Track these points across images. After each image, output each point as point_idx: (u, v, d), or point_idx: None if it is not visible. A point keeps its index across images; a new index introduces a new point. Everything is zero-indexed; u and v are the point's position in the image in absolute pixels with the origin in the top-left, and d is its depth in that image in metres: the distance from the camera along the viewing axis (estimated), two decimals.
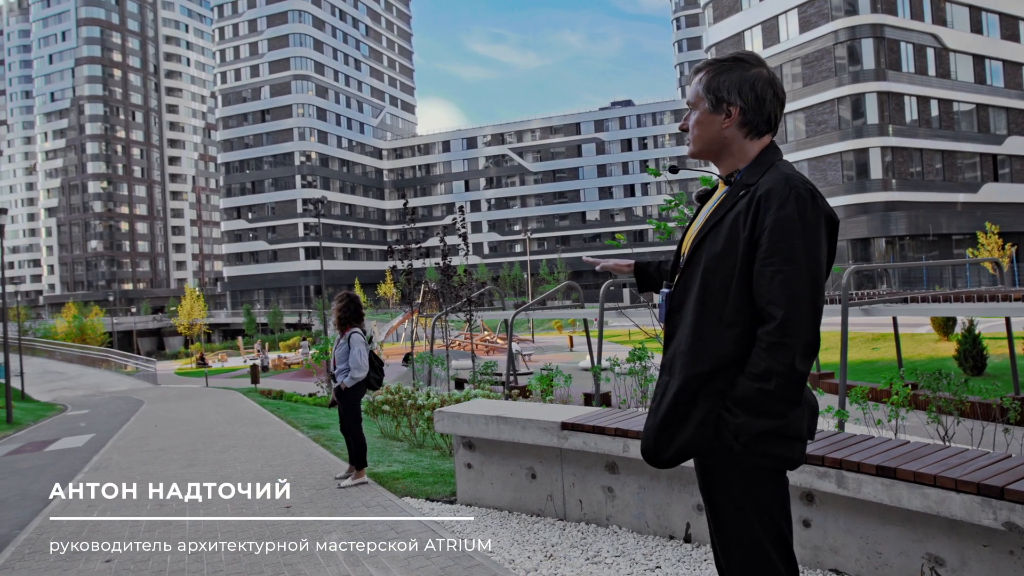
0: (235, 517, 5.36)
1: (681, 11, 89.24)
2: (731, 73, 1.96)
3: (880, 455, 3.17)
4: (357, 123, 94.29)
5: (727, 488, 1.90)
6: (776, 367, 1.76)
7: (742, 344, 1.84)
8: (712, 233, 1.91)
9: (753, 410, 1.79)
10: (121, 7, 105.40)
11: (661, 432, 1.90)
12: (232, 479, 6.89)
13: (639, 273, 2.45)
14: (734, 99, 1.94)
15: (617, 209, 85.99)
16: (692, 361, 1.86)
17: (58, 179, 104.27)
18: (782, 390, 1.78)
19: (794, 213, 1.79)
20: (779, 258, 1.77)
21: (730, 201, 1.92)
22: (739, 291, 1.84)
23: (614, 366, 10.43)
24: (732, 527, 1.91)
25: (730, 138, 1.97)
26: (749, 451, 1.82)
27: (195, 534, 4.96)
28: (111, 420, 15.29)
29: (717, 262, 1.86)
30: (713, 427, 1.85)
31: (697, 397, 1.86)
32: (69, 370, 39.99)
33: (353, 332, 6.29)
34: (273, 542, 4.59)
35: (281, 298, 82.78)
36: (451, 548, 4.17)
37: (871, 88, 40.84)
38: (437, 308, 21.56)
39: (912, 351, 23.23)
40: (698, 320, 1.87)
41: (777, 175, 1.87)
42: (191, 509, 5.72)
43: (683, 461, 1.94)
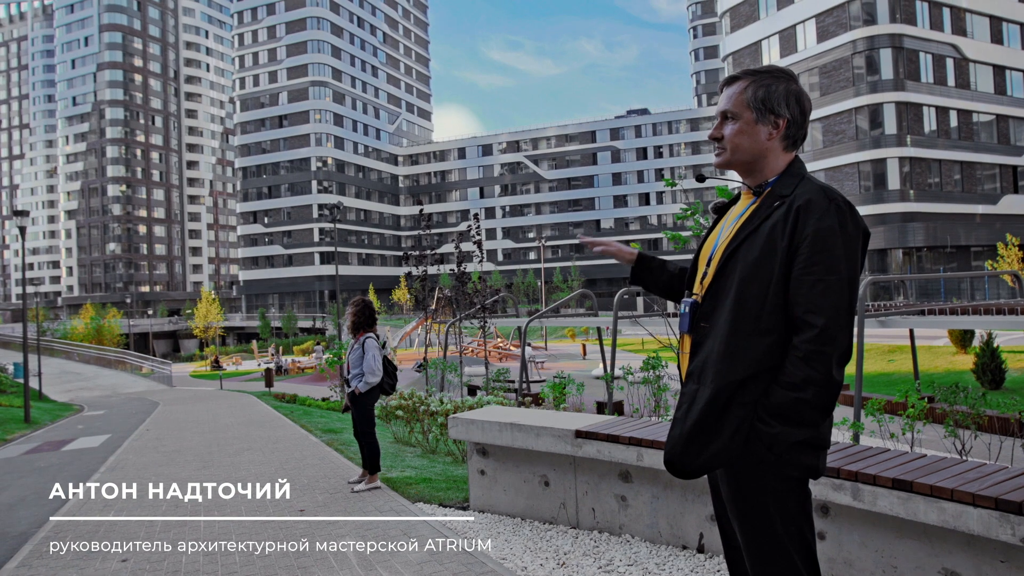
0: (249, 518, 5.40)
1: (698, 20, 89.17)
2: (779, 85, 1.97)
3: (896, 468, 3.14)
4: (373, 129, 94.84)
5: (756, 498, 1.89)
6: (814, 376, 1.77)
7: (775, 353, 1.84)
8: (747, 242, 1.91)
9: (789, 420, 1.79)
10: (143, 13, 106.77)
11: (691, 441, 1.88)
12: (245, 481, 6.94)
13: (640, 264, 2.40)
14: (783, 111, 1.97)
15: (632, 218, 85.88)
16: (727, 369, 1.85)
17: (78, 182, 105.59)
18: (818, 399, 1.78)
19: (835, 224, 1.82)
20: (820, 268, 1.79)
21: (765, 211, 1.92)
22: (775, 299, 1.84)
23: (628, 375, 10.41)
24: (760, 537, 1.90)
25: (769, 149, 1.99)
26: (781, 461, 1.82)
27: (210, 535, 5.00)
28: (127, 421, 15.43)
29: (753, 270, 1.87)
30: (744, 437, 1.85)
31: (730, 406, 1.85)
32: (86, 371, 40.40)
33: (367, 337, 6.32)
34: (286, 544, 4.63)
35: (296, 302, 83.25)
36: (464, 554, 4.18)
37: (889, 98, 40.61)
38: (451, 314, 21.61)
39: (929, 364, 23.01)
40: (732, 328, 1.87)
41: (813, 187, 1.89)
42: (206, 510, 5.77)
43: (710, 471, 1.94)
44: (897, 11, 40.69)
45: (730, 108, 2.01)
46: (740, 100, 1.99)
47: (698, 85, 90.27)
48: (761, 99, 1.96)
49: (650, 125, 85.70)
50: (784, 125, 1.97)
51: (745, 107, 1.98)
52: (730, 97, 2.02)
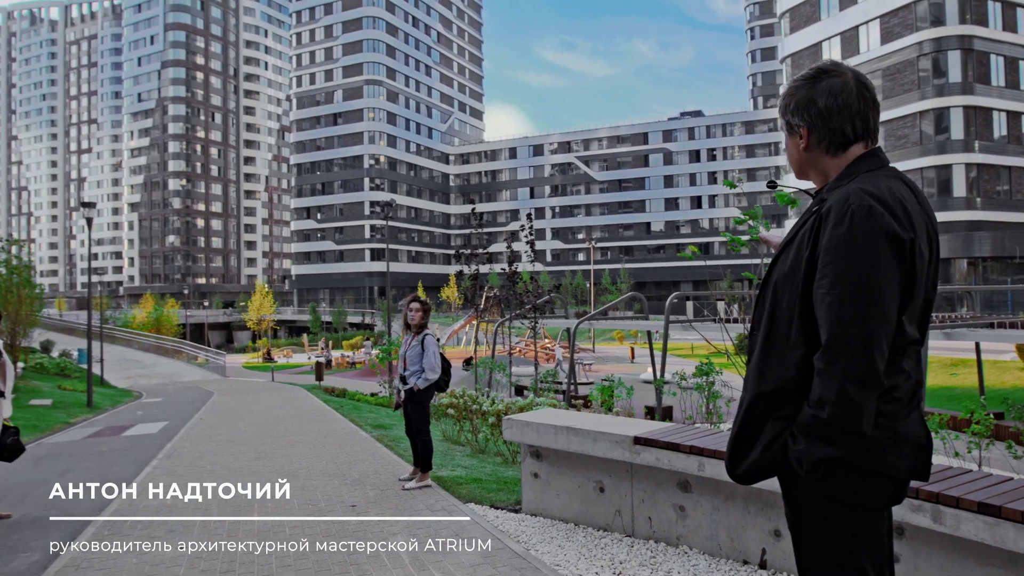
0: (302, 513, 5.43)
1: (756, 21, 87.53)
2: (797, 94, 1.91)
3: (982, 491, 2.97)
4: (426, 128, 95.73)
5: (803, 516, 1.87)
6: (826, 395, 1.68)
7: (805, 368, 1.78)
8: (784, 252, 1.88)
9: (811, 437, 1.73)
10: (206, 12, 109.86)
11: (733, 448, 1.90)
12: (299, 474, 7.02)
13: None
14: (798, 121, 1.91)
15: (683, 221, 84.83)
16: (758, 380, 1.85)
17: (141, 176, 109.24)
18: (836, 419, 1.68)
19: (846, 231, 1.69)
20: (828, 280, 1.69)
21: (803, 219, 1.86)
22: (801, 313, 1.78)
23: (681, 380, 10.21)
24: (807, 558, 1.88)
25: (812, 158, 1.92)
26: (817, 480, 1.76)
27: (264, 529, 5.05)
28: (183, 409, 15.83)
29: (784, 282, 1.83)
30: (781, 452, 1.81)
31: (766, 418, 1.83)
32: (145, 359, 41.71)
33: (427, 334, 6.32)
34: (338, 542, 4.63)
35: (346, 298, 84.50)
36: (517, 558, 4.12)
37: (957, 102, 39.16)
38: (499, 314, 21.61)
39: (995, 379, 22.10)
40: (766, 340, 1.85)
41: (844, 190, 1.76)
42: (260, 505, 5.84)
43: (758, 480, 1.90)
44: (967, 12, 39.20)
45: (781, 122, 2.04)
46: (781, 118, 2.01)
47: (754, 87, 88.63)
48: (782, 113, 1.97)
49: (704, 127, 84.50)
50: (807, 134, 1.90)
51: (783, 124, 2.00)
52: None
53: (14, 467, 7.66)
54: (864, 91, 1.87)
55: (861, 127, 1.86)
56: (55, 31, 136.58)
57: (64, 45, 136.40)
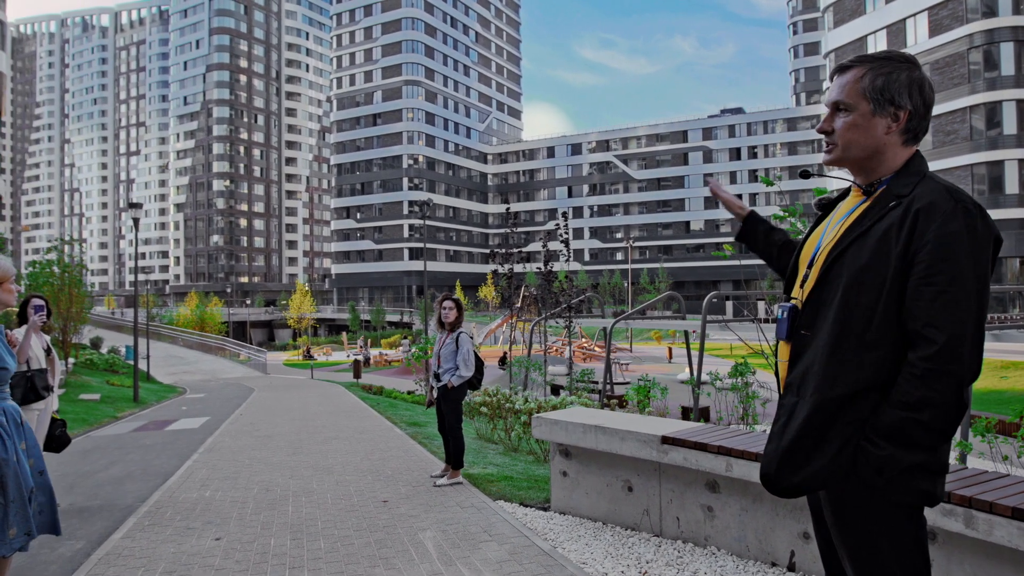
0: (335, 507, 5.53)
1: (799, 15, 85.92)
2: (900, 72, 1.78)
3: (1017, 496, 2.89)
4: (464, 128, 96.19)
5: (864, 525, 1.74)
6: (932, 396, 1.61)
7: (883, 369, 1.69)
8: (855, 245, 1.75)
9: (901, 442, 1.65)
10: (249, 17, 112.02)
11: (787, 458, 1.75)
12: (333, 470, 7.13)
13: (748, 224, 2.27)
14: (904, 101, 1.78)
15: (723, 220, 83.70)
16: (829, 384, 1.71)
17: (187, 177, 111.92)
18: (937, 422, 1.63)
19: (962, 229, 1.64)
20: (943, 278, 1.62)
21: (877, 212, 1.76)
22: (885, 311, 1.69)
23: (715, 380, 10.10)
24: (868, 567, 1.76)
25: (887, 144, 1.80)
26: (892, 486, 1.67)
27: (297, 521, 5.15)
28: (224, 405, 16.19)
29: (861, 277, 1.71)
30: (850, 459, 1.70)
31: (833, 423, 1.71)
32: (189, 355, 42.72)
33: (461, 332, 6.39)
34: (370, 534, 4.71)
35: (384, 296, 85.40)
36: (544, 556, 4.14)
37: (1009, 96, 37.95)
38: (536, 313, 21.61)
39: None
40: (836, 339, 1.72)
41: (936, 186, 1.72)
42: (295, 499, 5.95)
43: (809, 492, 1.80)
44: (1021, 2, 37.97)
45: (843, 98, 1.81)
46: (855, 89, 1.80)
47: (796, 83, 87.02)
48: (880, 88, 1.78)
49: (745, 125, 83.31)
50: (905, 117, 1.78)
51: (861, 97, 1.79)
52: (843, 86, 1.82)
53: (62, 458, 7.95)
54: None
55: (927, 128, 1.85)
56: (106, 37, 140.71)
57: (114, 51, 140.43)
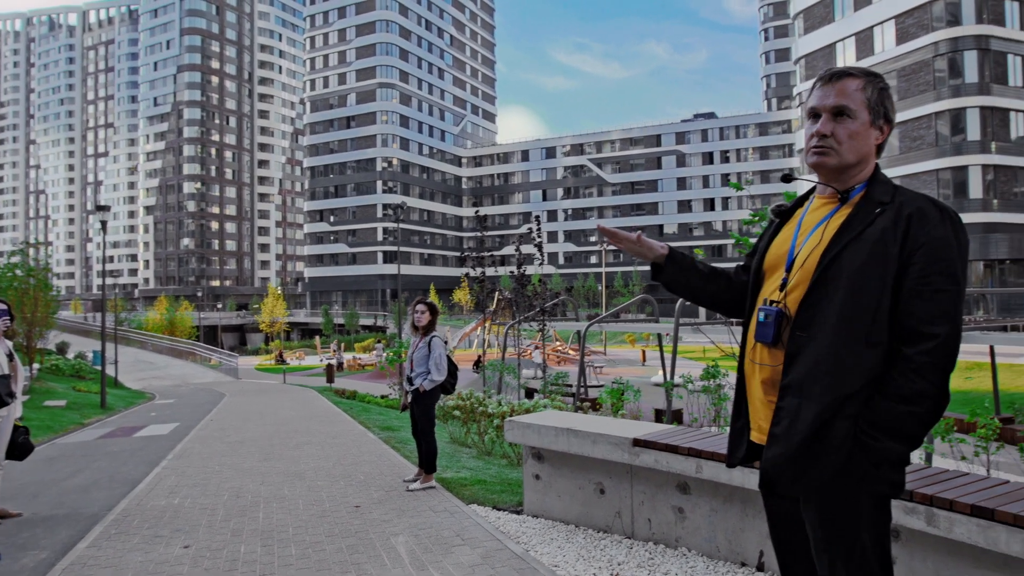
0: (306, 513, 5.48)
1: (770, 22, 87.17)
2: (886, 90, 1.94)
3: (975, 494, 2.96)
4: (438, 131, 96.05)
5: (850, 518, 1.82)
6: (929, 389, 1.72)
7: (881, 364, 1.80)
8: (851, 249, 1.82)
9: (898, 435, 1.75)
10: (221, 17, 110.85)
11: (797, 459, 1.81)
12: (305, 475, 7.07)
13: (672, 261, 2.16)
14: (892, 117, 1.94)
15: (696, 223, 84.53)
16: (838, 382, 1.78)
17: (157, 179, 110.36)
18: (931, 414, 1.74)
19: (951, 234, 1.79)
20: (940, 278, 1.76)
21: (866, 217, 1.85)
22: (885, 309, 1.79)
23: (687, 383, 10.20)
24: (849, 560, 1.83)
25: (871, 154, 1.94)
26: (879, 477, 1.77)
27: (267, 527, 5.10)
28: (195, 411, 15.97)
29: (861, 279, 1.80)
30: (847, 452, 1.78)
31: (834, 420, 1.79)
32: (158, 360, 42.03)
33: (434, 336, 6.37)
34: (341, 540, 4.68)
35: (358, 300, 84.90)
36: (516, 559, 4.14)
37: (973, 103, 38.82)
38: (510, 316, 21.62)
39: (1010, 383, 21.85)
40: (841, 339, 1.79)
41: (917, 195, 1.87)
42: (265, 502, 5.89)
43: (814, 489, 1.85)
44: (984, 11, 38.86)
45: (850, 104, 1.89)
46: (860, 98, 1.89)
47: (768, 89, 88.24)
48: (877, 101, 1.91)
49: (717, 129, 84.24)
50: (888, 132, 1.95)
51: (864, 106, 1.89)
52: (848, 93, 1.89)
53: (27, 466, 7.79)
54: None
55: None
56: (73, 36, 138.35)
57: (82, 50, 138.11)
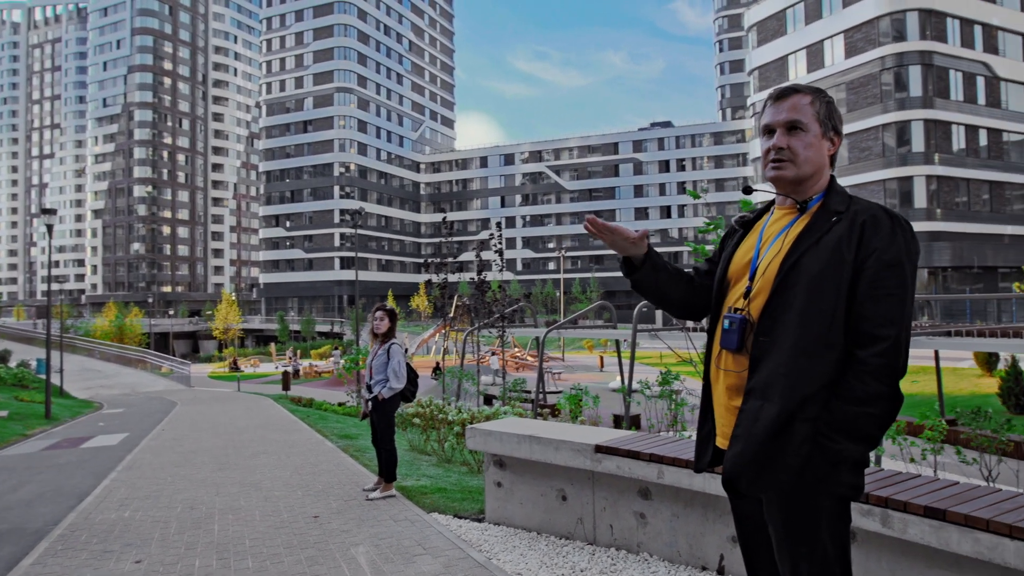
0: (263, 524, 5.37)
1: (724, 34, 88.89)
2: (833, 104, 2.04)
3: (928, 495, 3.04)
4: (397, 136, 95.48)
5: (810, 520, 1.86)
6: (883, 390, 1.78)
7: (838, 366, 1.84)
8: (810, 255, 1.89)
9: (853, 436, 1.79)
10: (174, 18, 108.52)
11: (757, 458, 1.85)
12: (262, 485, 6.93)
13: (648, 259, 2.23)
14: (840, 129, 2.05)
15: (652, 230, 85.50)
16: (797, 384, 1.83)
17: (106, 182, 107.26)
18: (886, 415, 1.79)
19: (902, 241, 1.86)
20: (892, 282, 1.82)
21: (823, 225, 1.93)
22: (841, 314, 1.85)
23: (645, 389, 10.30)
24: (811, 562, 1.87)
25: (825, 166, 2.03)
26: (839, 479, 1.81)
27: (223, 539, 4.98)
28: (145, 420, 15.54)
29: (819, 285, 1.86)
30: (806, 453, 1.82)
31: (794, 422, 1.83)
32: (107, 369, 40.83)
33: (393, 343, 6.30)
34: (300, 552, 4.59)
35: (314, 306, 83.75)
36: (479, 568, 4.12)
37: (918, 116, 40.16)
38: (469, 323, 21.58)
39: (953, 386, 22.61)
40: (801, 343, 1.85)
41: (870, 204, 1.94)
42: (221, 513, 5.76)
43: (773, 489, 1.89)
44: (927, 28, 40.28)
45: (802, 119, 1.99)
46: (810, 112, 1.99)
47: (723, 99, 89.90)
48: (827, 115, 2.01)
49: (673, 138, 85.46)
50: (838, 143, 2.04)
51: (815, 120, 1.99)
52: (799, 108, 1.99)
53: None
54: None
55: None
56: (17, 34, 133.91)
57: (27, 48, 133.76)
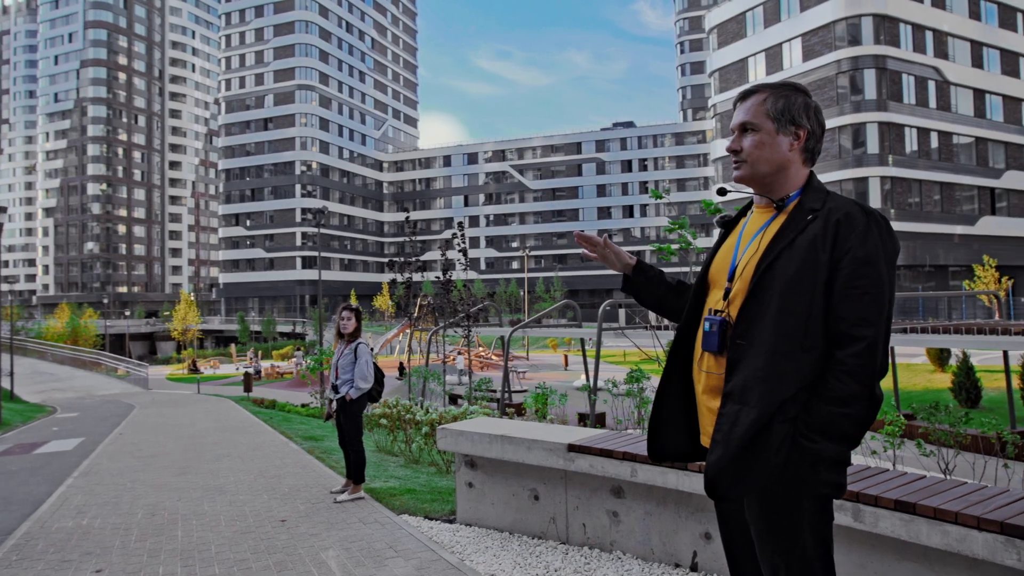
0: (229, 529, 5.25)
1: (686, 36, 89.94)
2: (797, 97, 1.97)
3: (898, 489, 3.10)
4: (359, 135, 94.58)
5: (791, 519, 1.84)
6: (860, 390, 1.75)
7: (817, 368, 1.82)
8: (784, 256, 1.86)
9: (832, 436, 1.77)
10: (129, 11, 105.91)
11: (736, 463, 1.82)
12: (226, 489, 6.79)
13: (638, 271, 2.28)
14: (803, 122, 1.95)
15: (615, 230, 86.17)
16: (775, 387, 1.80)
17: (57, 180, 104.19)
18: (863, 414, 1.77)
19: (877, 238, 1.81)
20: (867, 281, 1.78)
21: (798, 225, 1.88)
22: (818, 314, 1.82)
23: (612, 387, 10.36)
24: (791, 560, 1.86)
25: (791, 161, 1.96)
26: (819, 479, 1.79)
27: (187, 546, 4.85)
28: (101, 424, 15.12)
29: (795, 285, 1.82)
30: (785, 455, 1.80)
31: (772, 424, 1.81)
32: (60, 371, 39.66)
33: (360, 343, 6.22)
34: (268, 557, 4.50)
35: (276, 307, 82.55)
36: (452, 569, 4.08)
37: (872, 118, 41.13)
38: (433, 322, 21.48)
39: (907, 381, 23.20)
40: (777, 345, 1.81)
41: (847, 200, 1.89)
42: (184, 519, 5.62)
43: (753, 492, 1.87)
44: (881, 33, 41.28)
45: (749, 119, 1.96)
46: (760, 111, 1.95)
47: (684, 100, 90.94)
48: (781, 109, 1.94)
49: (636, 138, 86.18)
50: (804, 136, 1.96)
51: (765, 118, 1.95)
52: (749, 109, 1.97)
53: None
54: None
55: (820, 150, 2.03)
56: None
57: None
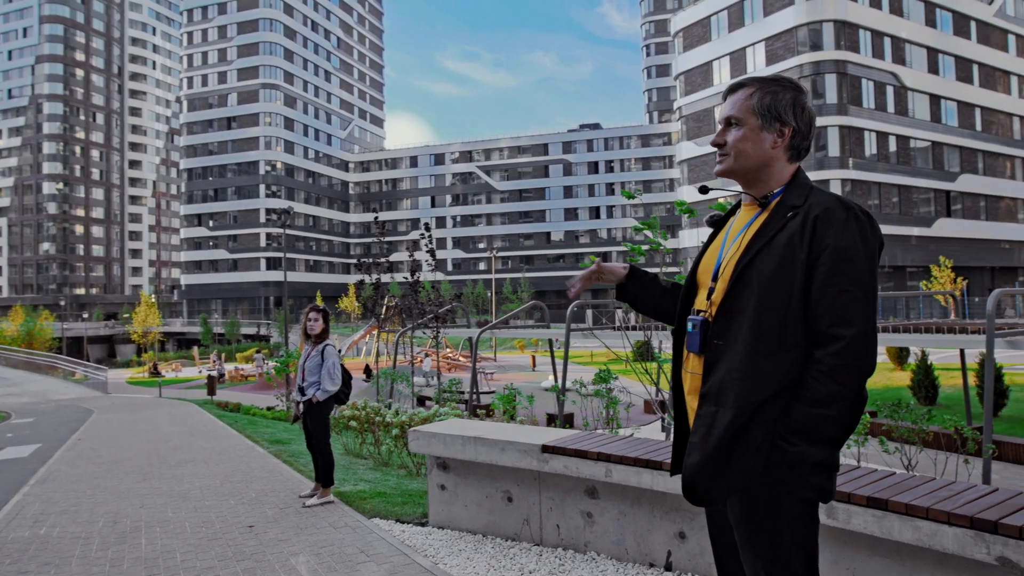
0: (195, 536, 5.12)
1: (651, 39, 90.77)
2: (785, 93, 1.92)
3: (870, 486, 3.13)
4: (325, 135, 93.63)
5: (773, 522, 1.80)
6: (840, 391, 1.70)
7: (796, 368, 1.77)
8: (762, 255, 1.82)
9: (811, 438, 1.72)
10: (87, 6, 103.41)
11: (713, 466, 1.78)
12: (190, 495, 6.63)
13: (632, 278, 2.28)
14: (789, 119, 1.91)
15: (582, 231, 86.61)
16: (751, 388, 1.76)
17: (11, 178, 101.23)
18: (845, 416, 1.72)
19: (856, 234, 1.76)
20: (845, 279, 1.73)
21: (778, 222, 1.84)
22: (796, 314, 1.77)
23: (581, 387, 10.37)
24: (774, 563, 1.82)
25: (774, 158, 1.92)
26: (800, 482, 1.74)
27: (152, 554, 4.72)
28: (59, 429, 14.70)
29: (772, 284, 1.78)
30: (764, 457, 1.76)
31: (749, 426, 1.76)
32: (13, 376, 38.52)
33: (327, 344, 6.14)
34: (237, 564, 4.40)
35: (239, 308, 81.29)
36: (425, 573, 4.03)
37: (833, 122, 41.95)
38: (400, 323, 21.33)
39: (872, 380, 23.66)
40: (754, 345, 1.77)
41: (829, 196, 1.84)
42: (147, 527, 5.47)
43: (732, 495, 1.83)
44: (842, 38, 42.13)
45: (734, 114, 1.93)
46: (746, 106, 1.92)
47: (650, 102, 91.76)
48: (767, 105, 1.90)
49: (602, 140, 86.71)
50: (790, 134, 1.91)
51: (750, 113, 1.92)
52: (735, 103, 1.94)
53: None
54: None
55: (808, 147, 1.97)
56: None
57: None
